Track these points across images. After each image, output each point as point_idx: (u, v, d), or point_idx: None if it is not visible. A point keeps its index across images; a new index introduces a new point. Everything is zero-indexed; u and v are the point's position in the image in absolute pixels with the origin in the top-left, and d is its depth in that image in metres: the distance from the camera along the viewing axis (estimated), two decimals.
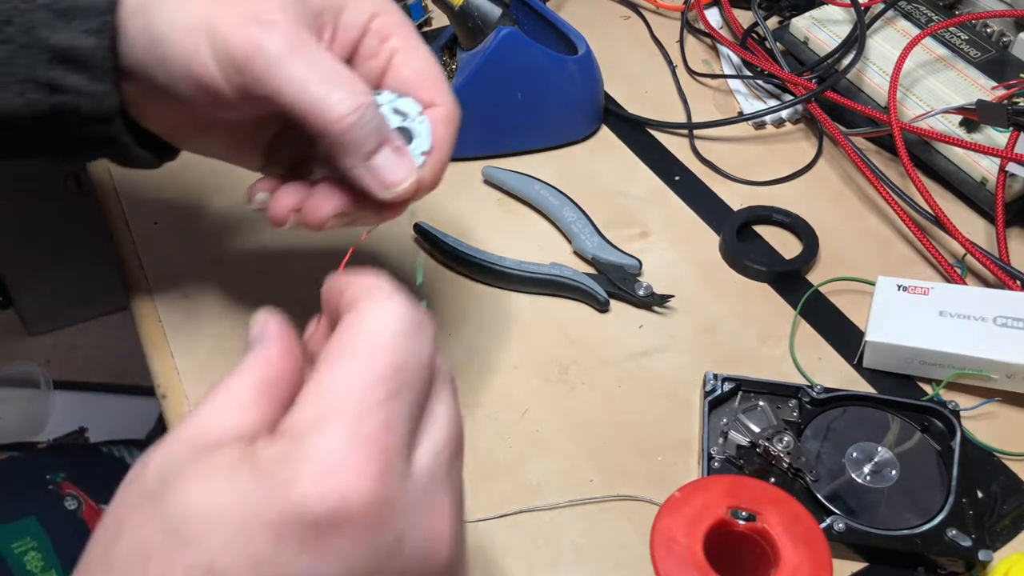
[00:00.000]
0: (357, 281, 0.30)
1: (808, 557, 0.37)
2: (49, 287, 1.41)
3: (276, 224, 0.41)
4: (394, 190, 0.37)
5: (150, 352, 0.54)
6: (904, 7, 0.70)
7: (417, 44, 0.41)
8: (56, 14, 0.38)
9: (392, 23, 0.41)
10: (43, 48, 0.38)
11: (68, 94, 0.39)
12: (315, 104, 0.36)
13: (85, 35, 0.38)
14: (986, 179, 0.60)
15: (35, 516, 0.67)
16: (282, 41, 0.36)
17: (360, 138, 0.37)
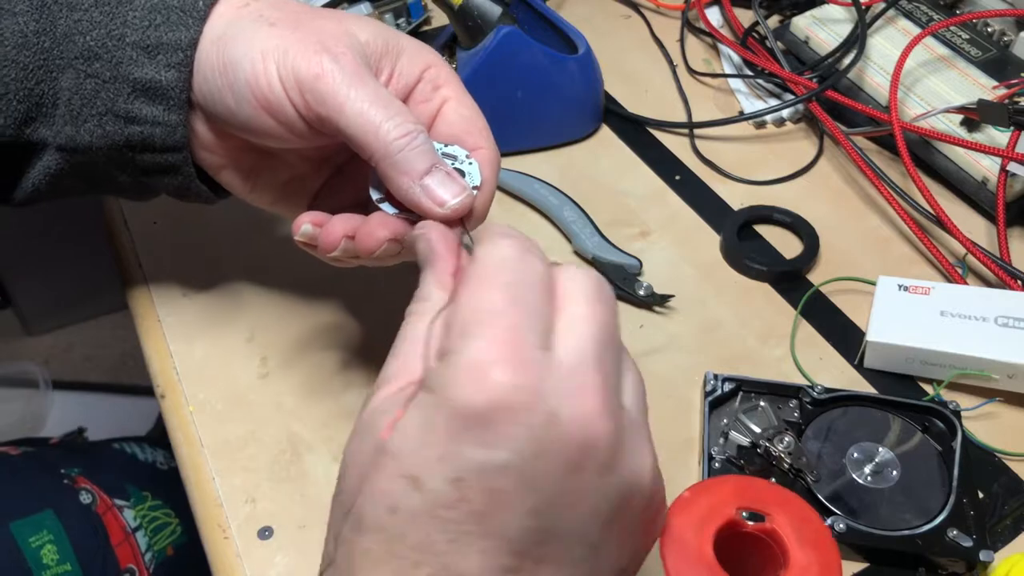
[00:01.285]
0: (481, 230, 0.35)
1: (817, 558, 0.37)
2: (48, 287, 1.41)
3: (326, 250, 0.42)
4: (448, 206, 0.39)
5: (149, 352, 0.54)
6: (905, 6, 0.70)
7: (466, 96, 0.44)
8: (143, 51, 0.41)
9: (444, 75, 0.43)
10: (127, 82, 0.41)
11: (144, 125, 0.42)
12: (374, 126, 0.38)
13: (167, 69, 0.41)
14: (987, 179, 0.60)
15: (51, 510, 0.67)
16: (349, 69, 0.39)
17: (413, 157, 0.39)
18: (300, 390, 0.51)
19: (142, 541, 0.70)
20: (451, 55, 0.65)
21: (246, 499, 0.47)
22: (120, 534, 0.69)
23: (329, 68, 0.39)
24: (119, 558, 0.68)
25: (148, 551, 0.70)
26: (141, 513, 0.71)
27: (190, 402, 0.51)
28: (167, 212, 0.60)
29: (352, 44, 0.40)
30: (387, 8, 0.73)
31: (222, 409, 0.51)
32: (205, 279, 0.57)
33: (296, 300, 0.56)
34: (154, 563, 0.70)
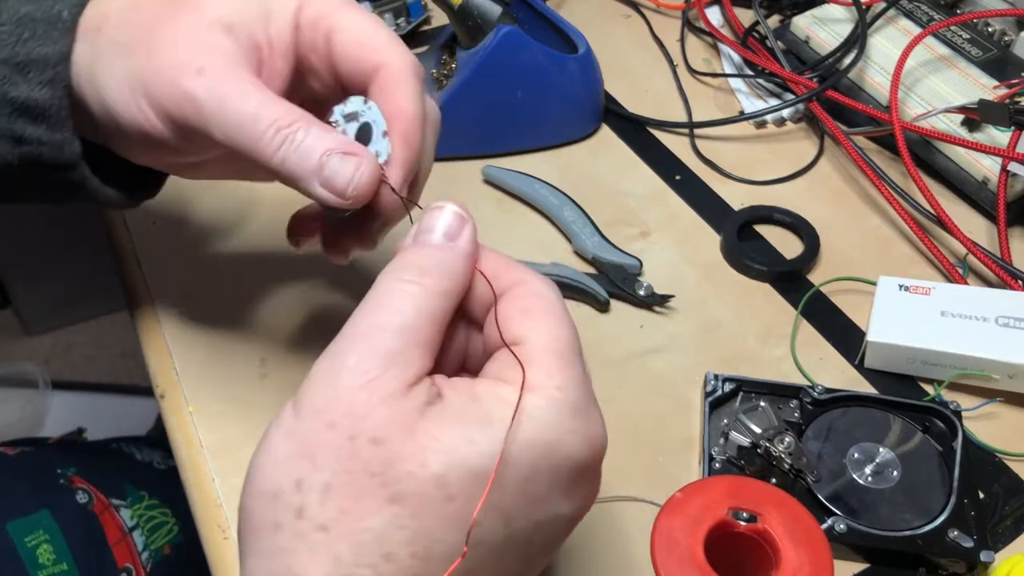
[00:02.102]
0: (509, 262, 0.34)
1: (809, 558, 0.37)
2: (47, 287, 1.41)
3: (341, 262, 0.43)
4: (348, 195, 0.36)
5: (148, 352, 0.54)
6: (905, 6, 0.70)
7: (350, 12, 0.39)
8: (14, 68, 0.38)
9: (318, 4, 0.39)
10: (5, 102, 0.39)
11: (31, 144, 0.40)
12: (252, 142, 0.36)
13: (40, 87, 0.38)
14: (988, 178, 0.60)
15: (47, 510, 0.67)
16: (208, 92, 0.36)
17: (296, 163, 0.36)
18: None
19: (139, 541, 0.70)
20: (451, 55, 0.65)
21: None
22: (117, 533, 0.69)
23: (192, 97, 0.36)
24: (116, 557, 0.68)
25: (145, 550, 0.70)
26: (138, 513, 0.71)
27: (190, 402, 0.51)
28: (167, 212, 0.60)
29: (214, 44, 0.37)
30: (387, 8, 0.73)
31: (222, 409, 0.51)
32: (205, 279, 0.57)
33: (296, 300, 0.56)
34: (151, 562, 0.70)
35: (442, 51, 0.66)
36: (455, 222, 0.33)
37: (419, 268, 0.32)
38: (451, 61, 0.65)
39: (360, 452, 0.28)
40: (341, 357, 0.30)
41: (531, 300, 0.33)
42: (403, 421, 0.29)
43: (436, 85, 0.65)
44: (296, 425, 0.29)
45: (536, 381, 0.30)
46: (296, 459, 0.29)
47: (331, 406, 0.29)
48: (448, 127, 0.62)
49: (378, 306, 0.31)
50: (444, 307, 0.32)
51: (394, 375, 0.29)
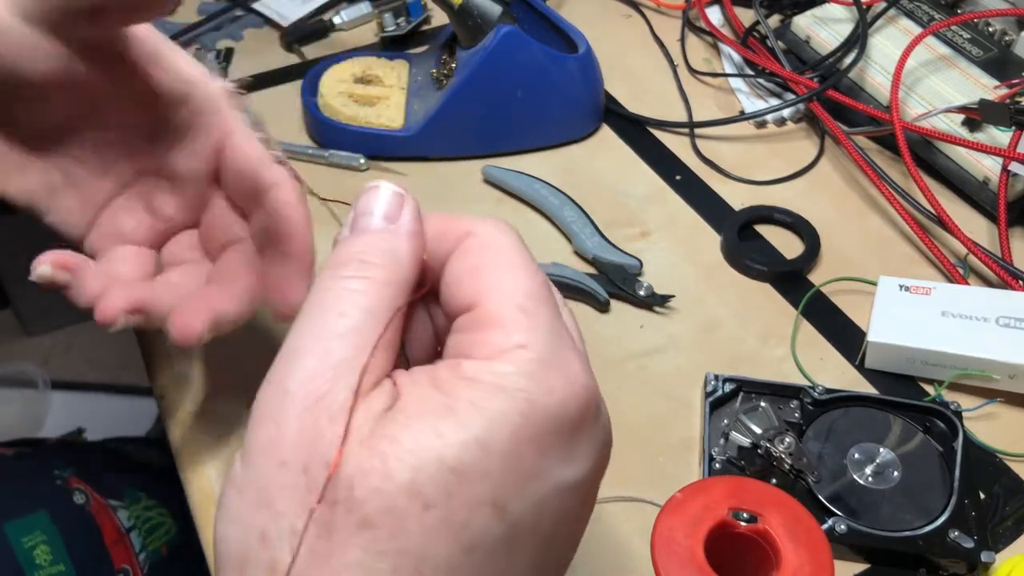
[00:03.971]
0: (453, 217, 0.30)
1: (809, 559, 0.37)
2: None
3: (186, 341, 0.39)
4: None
5: (147, 352, 0.54)
6: (906, 6, 0.70)
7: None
8: None
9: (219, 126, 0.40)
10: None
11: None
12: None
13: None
14: (988, 178, 0.59)
15: (44, 510, 0.67)
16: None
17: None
18: None
19: (136, 541, 0.70)
20: (451, 54, 0.65)
21: None
22: (114, 534, 0.69)
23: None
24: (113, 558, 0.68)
25: (142, 551, 0.70)
26: (135, 513, 0.71)
27: (189, 402, 0.51)
28: None
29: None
30: (387, 8, 0.73)
31: (222, 409, 0.50)
32: None
33: None
34: (148, 563, 0.70)
35: (442, 51, 0.66)
36: (393, 201, 0.29)
37: (360, 260, 0.28)
38: (451, 61, 0.65)
39: (317, 482, 0.24)
40: (282, 382, 0.26)
41: (479, 255, 0.28)
42: (359, 435, 0.25)
43: (436, 85, 0.65)
44: (246, 475, 0.25)
45: (497, 344, 0.26)
46: (254, 511, 0.25)
47: (278, 442, 0.25)
48: (448, 127, 0.63)
49: (319, 312, 0.27)
50: (395, 298, 0.28)
51: (343, 386, 0.26)
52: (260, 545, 0.25)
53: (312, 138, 0.66)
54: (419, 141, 0.63)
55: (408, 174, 0.64)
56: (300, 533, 0.24)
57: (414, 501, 0.24)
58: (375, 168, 0.64)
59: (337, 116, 0.64)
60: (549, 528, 0.27)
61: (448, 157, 0.65)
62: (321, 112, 0.65)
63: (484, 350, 0.26)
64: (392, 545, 0.24)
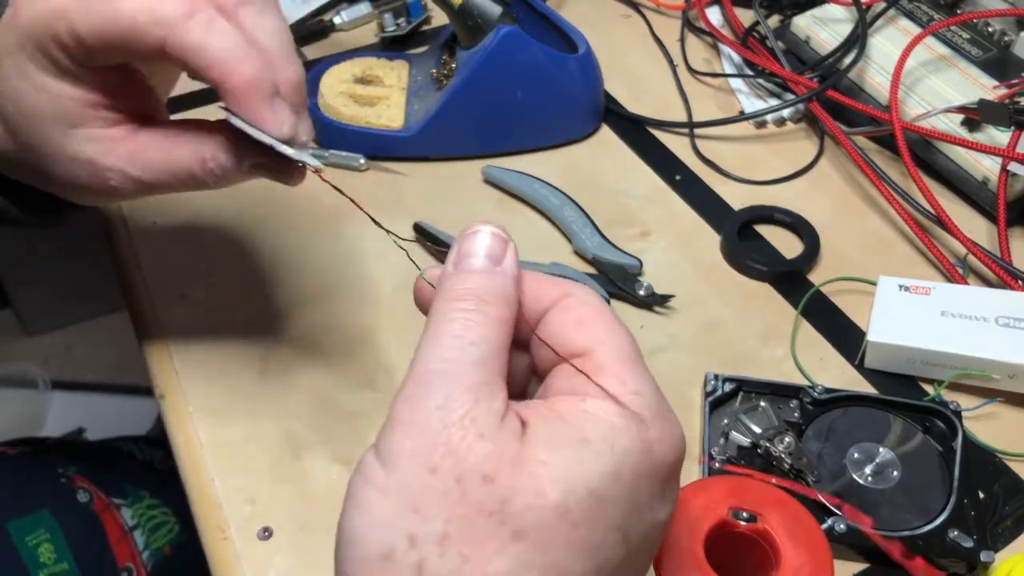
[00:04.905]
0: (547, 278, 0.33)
1: (809, 558, 0.37)
2: (47, 287, 1.41)
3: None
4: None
5: (148, 352, 0.54)
6: (905, 6, 0.70)
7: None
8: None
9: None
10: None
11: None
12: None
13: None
14: (988, 178, 0.60)
15: (47, 509, 0.67)
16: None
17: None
18: (300, 390, 0.51)
19: (140, 540, 0.70)
20: (451, 55, 0.65)
21: (245, 499, 0.47)
22: (118, 533, 0.69)
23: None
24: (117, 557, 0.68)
25: (146, 550, 0.70)
26: (139, 512, 0.71)
27: (190, 402, 0.51)
28: (166, 212, 0.60)
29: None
30: (387, 8, 0.73)
31: (222, 409, 0.51)
32: (204, 278, 0.57)
33: (296, 299, 0.56)
34: (152, 562, 0.70)
35: (442, 51, 0.66)
36: (496, 244, 0.32)
37: (478, 297, 0.30)
38: (451, 61, 0.65)
39: (471, 493, 0.27)
40: (424, 398, 0.28)
41: (584, 310, 0.32)
42: (508, 453, 0.27)
43: (436, 85, 0.65)
44: (391, 478, 0.27)
45: (612, 390, 0.30)
46: (402, 514, 0.27)
47: (427, 450, 0.27)
48: (448, 127, 0.63)
49: (449, 340, 0.30)
50: (508, 335, 0.31)
51: (485, 408, 0.28)
52: (407, 546, 0.26)
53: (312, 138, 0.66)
54: (419, 141, 0.64)
55: (408, 174, 0.64)
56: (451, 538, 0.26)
57: (564, 520, 0.27)
58: (375, 168, 0.64)
59: (337, 116, 0.64)
60: (645, 558, 0.30)
61: (448, 157, 0.65)
62: (321, 112, 0.65)
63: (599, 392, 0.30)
64: (540, 558, 0.27)
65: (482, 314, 0.30)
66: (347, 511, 0.28)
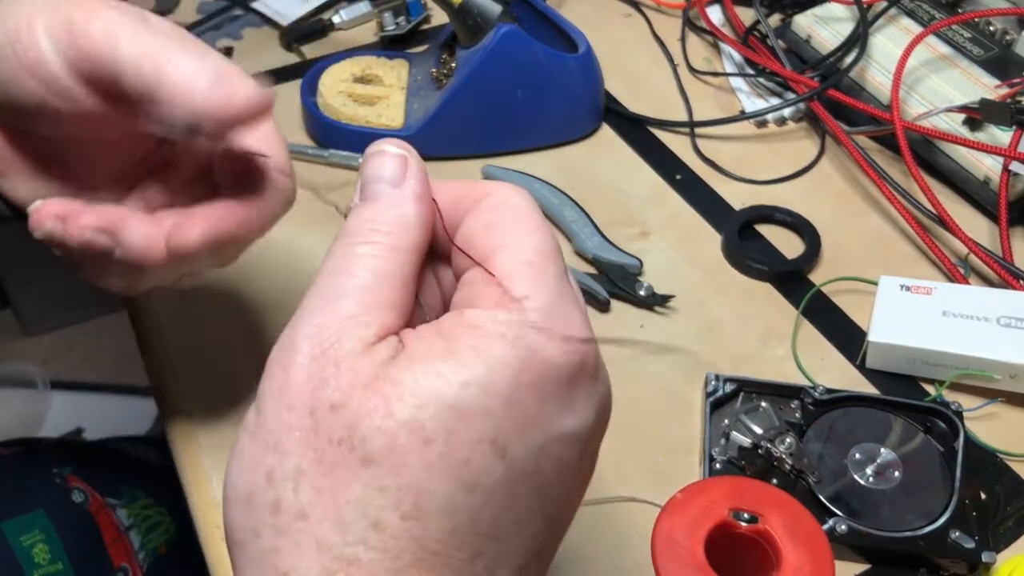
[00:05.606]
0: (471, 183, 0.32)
1: (810, 559, 0.37)
2: (46, 287, 1.41)
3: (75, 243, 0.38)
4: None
5: (147, 352, 0.54)
6: (907, 5, 0.70)
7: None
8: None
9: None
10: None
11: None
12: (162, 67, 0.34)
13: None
14: (989, 178, 0.59)
15: (42, 509, 0.67)
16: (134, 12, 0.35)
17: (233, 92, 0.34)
18: None
19: (135, 540, 0.70)
20: (451, 54, 0.65)
21: None
22: (113, 533, 0.69)
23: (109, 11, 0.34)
24: (112, 557, 0.68)
25: (141, 550, 0.70)
26: (134, 512, 0.71)
27: (189, 402, 0.51)
28: None
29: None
30: (386, 7, 0.73)
31: (221, 409, 0.50)
32: (203, 278, 0.57)
33: (296, 300, 0.56)
34: (147, 562, 0.70)
35: (442, 50, 0.66)
36: (397, 165, 0.30)
37: (370, 228, 0.29)
38: (451, 60, 0.64)
39: (322, 424, 0.26)
40: (292, 337, 0.27)
41: (495, 212, 0.29)
42: (363, 379, 0.26)
43: (436, 84, 0.65)
44: (256, 420, 0.27)
45: (499, 298, 0.27)
46: (263, 453, 0.26)
47: (287, 387, 0.26)
48: (448, 127, 0.63)
49: (329, 276, 0.28)
50: (405, 262, 0.29)
51: (350, 337, 0.27)
52: (266, 484, 0.26)
53: (312, 138, 0.66)
54: (419, 141, 0.63)
55: None
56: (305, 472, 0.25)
57: (414, 437, 0.25)
58: None
59: (337, 116, 0.64)
60: (549, 476, 0.27)
61: (448, 157, 0.64)
62: (321, 112, 0.65)
63: (488, 301, 0.27)
64: (393, 481, 0.25)
65: (371, 244, 0.29)
66: (228, 458, 0.27)
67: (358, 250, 0.28)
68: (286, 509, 0.25)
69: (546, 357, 0.27)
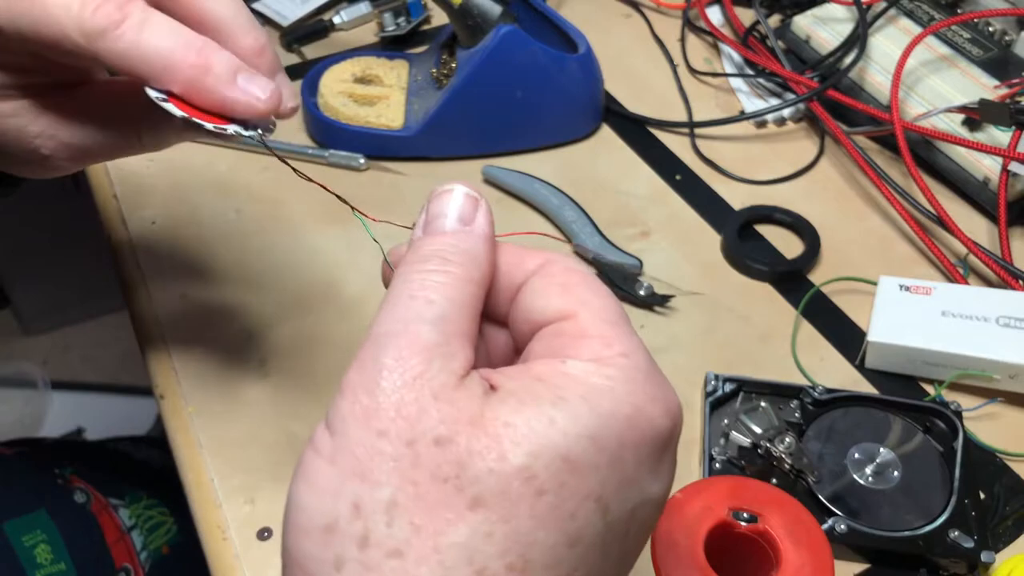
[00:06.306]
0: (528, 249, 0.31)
1: (810, 559, 0.37)
2: (46, 287, 1.41)
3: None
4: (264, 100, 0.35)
5: (147, 352, 0.54)
6: (906, 5, 0.70)
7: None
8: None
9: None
10: None
11: None
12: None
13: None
14: (988, 178, 0.59)
15: (45, 509, 0.67)
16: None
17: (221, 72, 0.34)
18: (300, 390, 0.51)
19: (137, 540, 0.70)
20: (451, 54, 0.65)
21: (245, 500, 0.47)
22: (115, 533, 0.69)
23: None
24: (114, 557, 0.68)
25: (143, 550, 0.70)
26: (136, 512, 0.71)
27: (189, 403, 0.51)
28: (166, 212, 0.60)
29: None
30: (387, 7, 0.73)
31: (221, 409, 0.50)
32: (204, 279, 0.57)
33: (296, 300, 0.56)
34: (149, 562, 0.70)
35: (442, 50, 0.66)
36: (468, 204, 0.30)
37: (441, 257, 0.28)
38: (451, 60, 0.65)
39: (424, 457, 0.24)
40: (374, 361, 0.26)
41: (567, 275, 0.29)
42: (466, 414, 0.25)
43: (436, 85, 0.65)
44: (338, 444, 0.25)
45: (599, 351, 0.27)
46: (347, 481, 0.24)
47: (376, 413, 0.25)
48: (448, 127, 0.63)
49: (406, 300, 0.27)
50: (476, 295, 0.28)
51: (440, 367, 0.25)
52: (351, 516, 0.24)
53: (312, 138, 0.66)
54: (419, 141, 0.63)
55: (408, 174, 0.64)
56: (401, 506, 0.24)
57: (528, 486, 0.24)
58: (375, 168, 0.64)
59: (337, 116, 0.64)
60: (633, 537, 0.27)
61: (448, 157, 0.64)
62: (321, 112, 0.65)
63: (585, 354, 0.27)
64: (502, 528, 0.24)
65: (444, 273, 0.28)
66: (294, 482, 0.26)
67: (433, 277, 0.27)
68: (376, 544, 0.24)
69: (649, 418, 0.26)
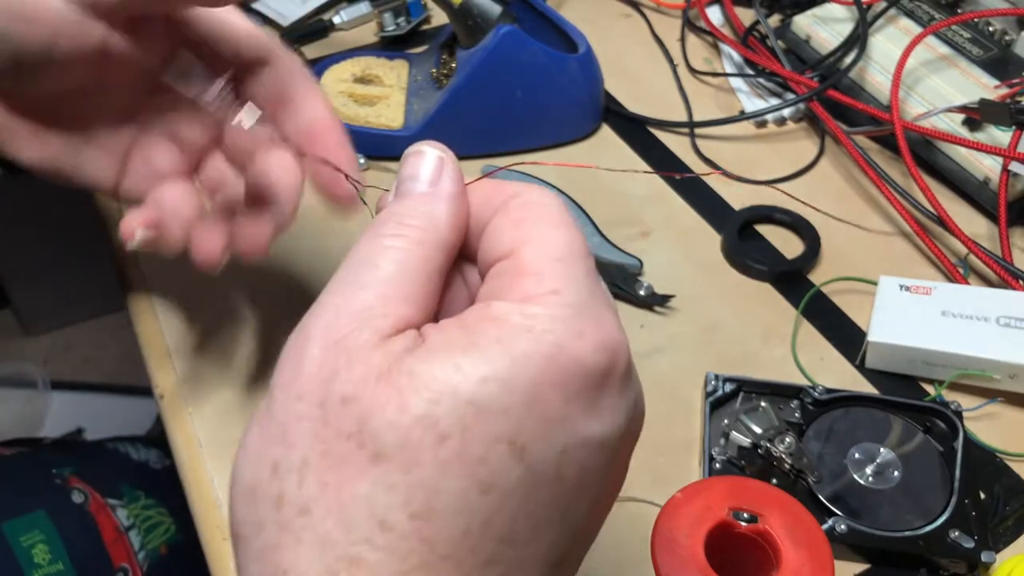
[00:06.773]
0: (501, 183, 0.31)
1: (810, 559, 0.37)
2: (47, 287, 1.41)
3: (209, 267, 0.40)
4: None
5: (148, 352, 0.54)
6: (906, 5, 0.70)
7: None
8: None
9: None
10: None
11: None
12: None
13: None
14: (989, 178, 0.59)
15: (43, 510, 0.67)
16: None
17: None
18: None
19: (135, 540, 0.70)
20: (451, 54, 0.65)
21: None
22: (113, 533, 0.69)
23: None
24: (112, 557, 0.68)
25: (141, 550, 0.70)
26: (134, 512, 0.71)
27: (189, 403, 0.51)
28: None
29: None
30: (387, 7, 0.73)
31: (221, 410, 0.50)
32: (204, 279, 0.56)
33: (296, 300, 0.56)
34: (147, 562, 0.70)
35: (442, 50, 0.66)
36: (435, 165, 0.30)
37: (397, 220, 0.28)
38: (451, 61, 0.65)
39: (332, 416, 0.24)
40: (306, 326, 0.26)
41: (523, 211, 0.28)
42: (376, 372, 0.25)
43: (436, 85, 0.65)
44: (266, 411, 0.26)
45: (530, 289, 0.26)
46: (269, 445, 0.25)
47: (298, 377, 0.25)
48: (448, 127, 0.63)
49: (352, 266, 0.27)
50: (431, 258, 0.28)
51: (364, 329, 0.25)
52: (270, 476, 0.25)
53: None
54: (419, 141, 0.63)
55: None
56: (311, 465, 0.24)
57: (428, 433, 0.24)
58: (375, 168, 0.64)
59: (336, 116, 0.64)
60: (572, 482, 0.26)
61: None
62: None
63: (515, 294, 0.26)
64: (404, 478, 0.24)
65: (395, 237, 0.28)
66: (236, 452, 0.26)
67: (384, 242, 0.27)
68: (289, 503, 0.24)
69: (574, 355, 0.25)
